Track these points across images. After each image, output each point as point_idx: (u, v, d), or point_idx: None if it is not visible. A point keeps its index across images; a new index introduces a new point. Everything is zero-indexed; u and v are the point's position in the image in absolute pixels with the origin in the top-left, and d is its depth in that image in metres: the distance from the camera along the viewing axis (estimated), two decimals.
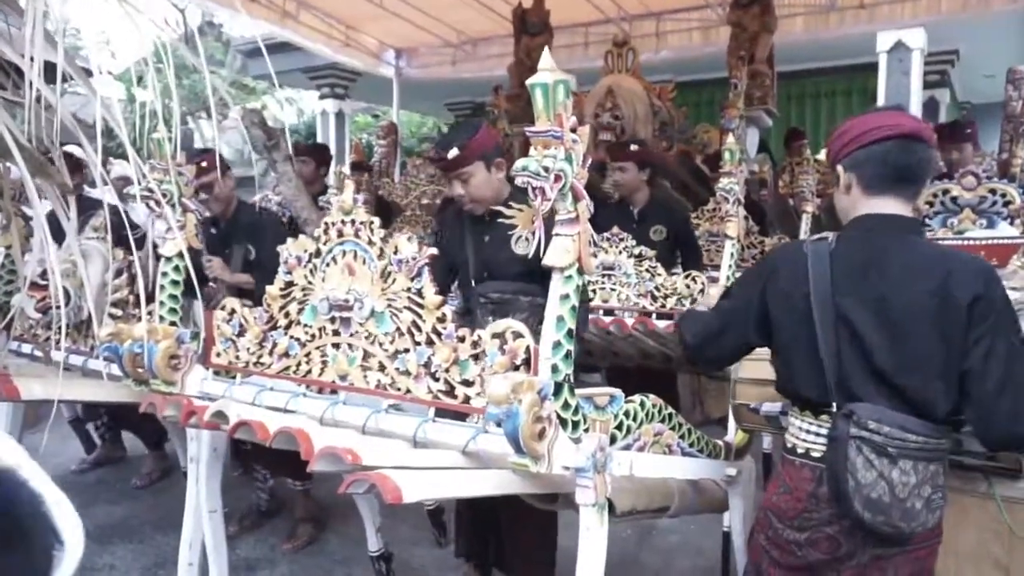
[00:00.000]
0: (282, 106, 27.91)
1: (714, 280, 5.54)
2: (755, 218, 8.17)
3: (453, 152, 4.06)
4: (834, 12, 11.34)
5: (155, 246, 3.88)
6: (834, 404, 2.70)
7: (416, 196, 11.22)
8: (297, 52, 14.62)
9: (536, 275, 4.13)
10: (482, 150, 4.15)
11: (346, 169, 10.55)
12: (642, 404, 3.13)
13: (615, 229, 5.69)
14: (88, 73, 2.37)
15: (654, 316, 5.46)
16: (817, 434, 2.79)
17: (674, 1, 12.08)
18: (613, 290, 5.65)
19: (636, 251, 5.63)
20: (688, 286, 5.49)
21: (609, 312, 5.63)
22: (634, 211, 6.57)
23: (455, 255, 4.45)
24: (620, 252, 5.64)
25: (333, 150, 16.94)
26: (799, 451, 2.86)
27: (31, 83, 2.12)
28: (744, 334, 2.97)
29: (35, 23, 2.10)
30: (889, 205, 2.79)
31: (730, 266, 5.53)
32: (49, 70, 2.21)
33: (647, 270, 5.59)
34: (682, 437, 3.41)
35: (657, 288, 5.56)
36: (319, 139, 17.24)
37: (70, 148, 5.78)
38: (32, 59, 2.11)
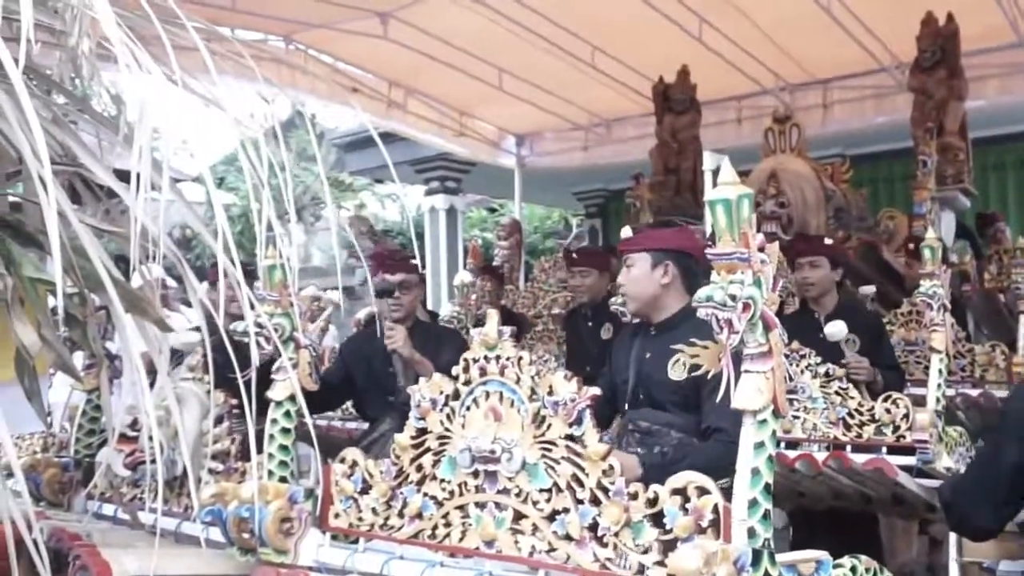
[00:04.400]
0: (384, 204, 28.42)
1: (920, 404, 5.40)
2: (956, 319, 7.95)
3: (627, 232, 4.53)
4: None
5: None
6: None
7: (546, 305, 11.19)
8: (401, 142, 14.88)
9: (691, 407, 4.21)
10: (654, 244, 4.44)
11: (465, 277, 10.58)
12: (854, 569, 3.04)
13: (795, 344, 5.61)
14: (174, 180, 2.42)
15: (849, 449, 5.35)
16: None
17: (842, 66, 12.02)
18: (796, 418, 5.55)
19: (822, 369, 5.54)
20: (888, 411, 5.36)
21: (792, 445, 5.53)
22: (820, 318, 6.42)
23: (620, 373, 4.57)
24: (803, 371, 5.55)
25: (444, 251, 17.21)
26: None
27: (135, 217, 2.15)
28: (999, 492, 2.95)
29: (144, 143, 2.14)
30: None
31: (939, 385, 5.39)
32: (120, 177, 2.26)
33: (837, 392, 5.49)
34: None
35: (851, 414, 5.45)
36: (428, 239, 17.44)
37: (152, 267, 5.85)
38: (139, 181, 2.13)
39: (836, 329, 5.95)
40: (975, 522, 3.21)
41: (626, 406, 4.47)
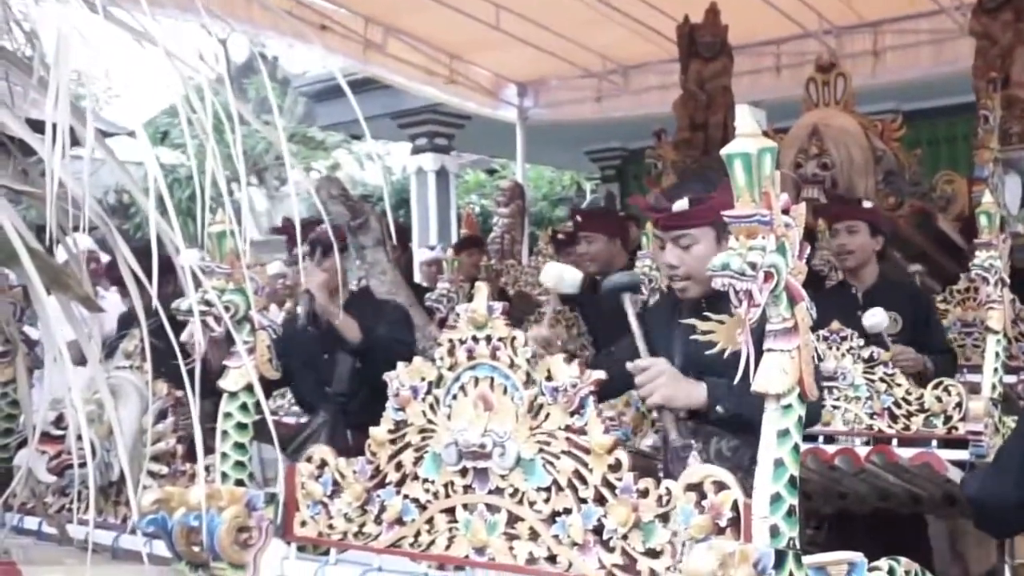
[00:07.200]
0: (362, 164, 28.05)
1: (975, 391, 5.44)
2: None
3: (681, 204, 4.11)
4: None
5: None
6: None
7: None
8: (382, 91, 14.79)
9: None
10: (719, 213, 4.12)
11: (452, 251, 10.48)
12: (892, 572, 3.07)
13: (835, 324, 5.67)
14: (103, 134, 2.38)
15: (895, 443, 5.41)
16: None
17: (895, 6, 12.05)
18: (836, 408, 5.61)
19: (865, 353, 5.60)
20: (939, 399, 5.40)
21: (831, 438, 5.59)
22: (858, 294, 6.50)
23: (661, 356, 4.41)
24: (843, 355, 5.61)
25: (433, 220, 17.13)
26: None
27: (53, 172, 2.11)
28: None
29: (61, 89, 2.11)
30: None
31: (995, 370, 5.42)
32: (39, 129, 2.21)
33: (882, 379, 5.54)
34: None
35: (897, 403, 5.50)
36: (414, 205, 17.32)
37: (79, 237, 5.71)
38: (54, 131, 2.11)
39: (876, 320, 5.92)
40: (1007, 516, 3.30)
41: None
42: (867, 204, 6.72)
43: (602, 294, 7.76)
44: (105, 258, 8.77)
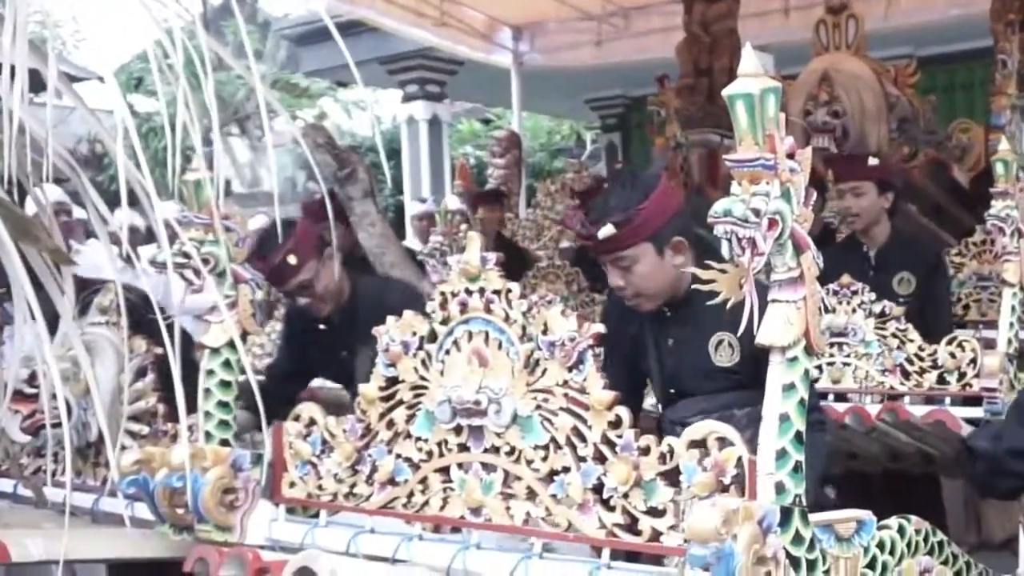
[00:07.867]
0: (350, 113, 27.84)
1: (990, 345, 5.45)
2: None
3: (607, 230, 3.92)
4: None
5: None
6: None
7: (553, 237, 11.13)
8: (370, 35, 14.65)
9: (754, 382, 4.00)
10: (653, 226, 3.99)
11: (451, 202, 10.44)
12: (901, 530, 3.08)
13: (844, 278, 5.69)
14: (71, 79, 2.35)
15: (907, 400, 5.44)
16: None
17: None
18: (846, 365, 5.63)
19: (876, 308, 5.61)
20: (953, 355, 5.41)
21: (842, 397, 5.62)
22: (870, 252, 6.51)
23: (637, 355, 4.41)
24: (854, 311, 5.62)
25: (426, 172, 17.05)
26: None
27: (11, 113, 2.09)
28: None
29: (18, 24, 2.09)
30: None
31: (1011, 324, 5.43)
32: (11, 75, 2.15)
33: (894, 335, 5.56)
34: (958, 574, 3.37)
35: (909, 360, 5.50)
36: (405, 156, 17.22)
37: (48, 188, 5.62)
38: (13, 73, 2.08)
39: None
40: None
41: (660, 405, 4.41)
42: (872, 161, 6.66)
43: None
44: (78, 211, 8.69)
